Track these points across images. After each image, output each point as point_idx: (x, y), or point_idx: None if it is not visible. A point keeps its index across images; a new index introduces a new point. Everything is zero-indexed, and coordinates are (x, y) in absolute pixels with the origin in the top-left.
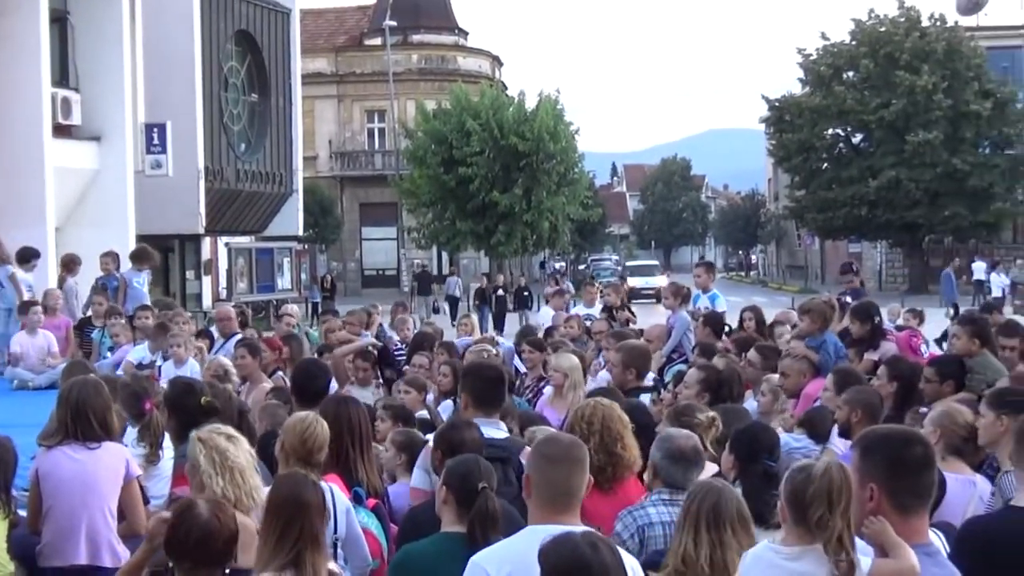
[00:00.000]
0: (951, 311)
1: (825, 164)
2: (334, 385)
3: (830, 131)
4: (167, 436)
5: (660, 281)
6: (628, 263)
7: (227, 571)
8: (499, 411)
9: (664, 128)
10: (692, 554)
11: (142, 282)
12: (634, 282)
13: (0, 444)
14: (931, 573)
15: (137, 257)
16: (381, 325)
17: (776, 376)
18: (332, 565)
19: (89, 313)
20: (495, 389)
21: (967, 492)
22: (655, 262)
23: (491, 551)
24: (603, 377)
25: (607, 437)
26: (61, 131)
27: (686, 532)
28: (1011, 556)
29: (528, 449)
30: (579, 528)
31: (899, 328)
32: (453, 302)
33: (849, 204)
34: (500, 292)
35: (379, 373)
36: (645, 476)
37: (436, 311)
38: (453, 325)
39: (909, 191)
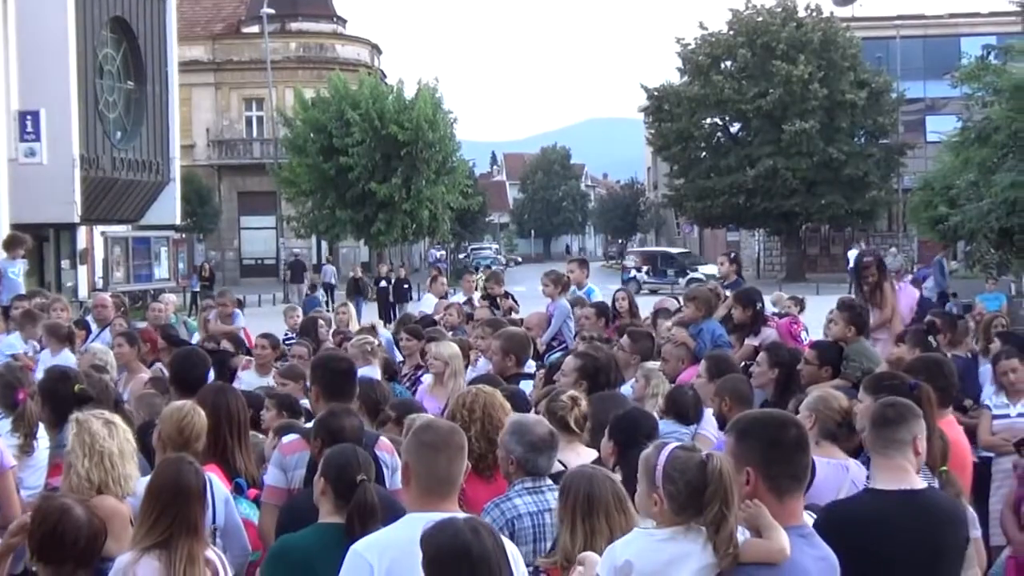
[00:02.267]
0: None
1: (704, 153)
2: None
3: (708, 120)
4: (41, 427)
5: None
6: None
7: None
8: (350, 403)
9: (544, 117)
10: (569, 546)
11: (17, 272)
12: None
13: None
14: (806, 554)
15: (9, 244)
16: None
17: (650, 363)
18: (210, 552)
19: None
20: (346, 381)
21: (840, 476)
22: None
23: (371, 540)
24: (483, 365)
25: (488, 425)
26: None
27: (564, 525)
28: (871, 537)
29: (384, 440)
30: (460, 514)
31: (779, 315)
32: (328, 290)
33: (727, 193)
34: (383, 283)
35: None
36: (501, 466)
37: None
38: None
39: (786, 180)
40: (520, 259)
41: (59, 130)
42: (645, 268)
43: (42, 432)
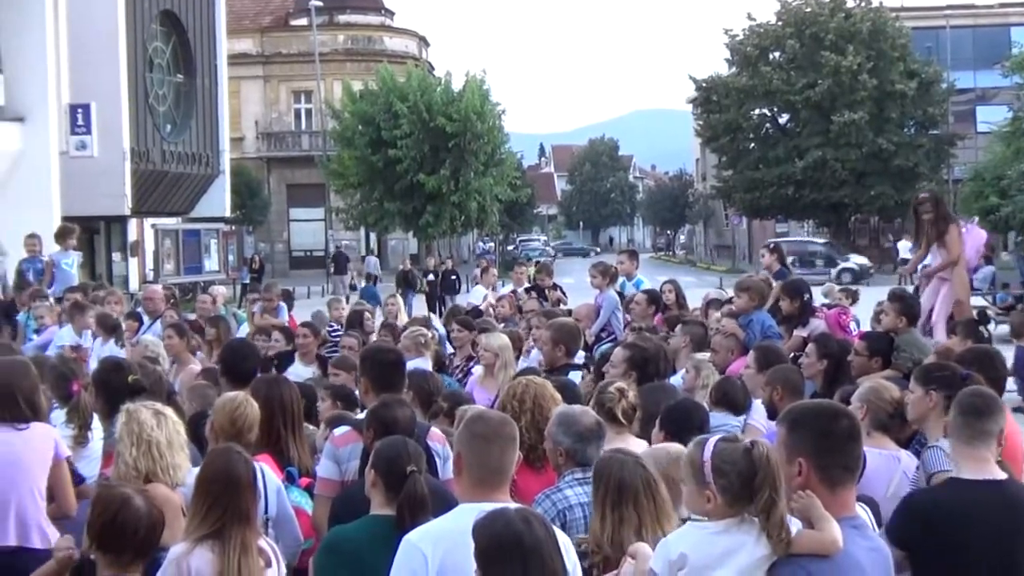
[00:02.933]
0: None
1: (752, 144)
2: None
3: (757, 111)
4: (95, 418)
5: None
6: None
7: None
8: (399, 394)
9: (592, 109)
10: (598, 532)
11: (71, 263)
12: None
13: None
14: (859, 545)
15: (61, 235)
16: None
17: (700, 354)
18: (263, 542)
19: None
20: (395, 373)
21: (891, 467)
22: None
23: (424, 530)
24: (535, 356)
25: (538, 415)
26: None
27: (595, 512)
28: (956, 527)
29: (435, 431)
30: (512, 505)
31: (829, 307)
32: (372, 281)
33: (776, 184)
34: (431, 276)
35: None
36: (551, 458)
37: (354, 289)
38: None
39: (835, 171)
40: (582, 249)
41: (110, 123)
42: (791, 259)
43: (96, 423)
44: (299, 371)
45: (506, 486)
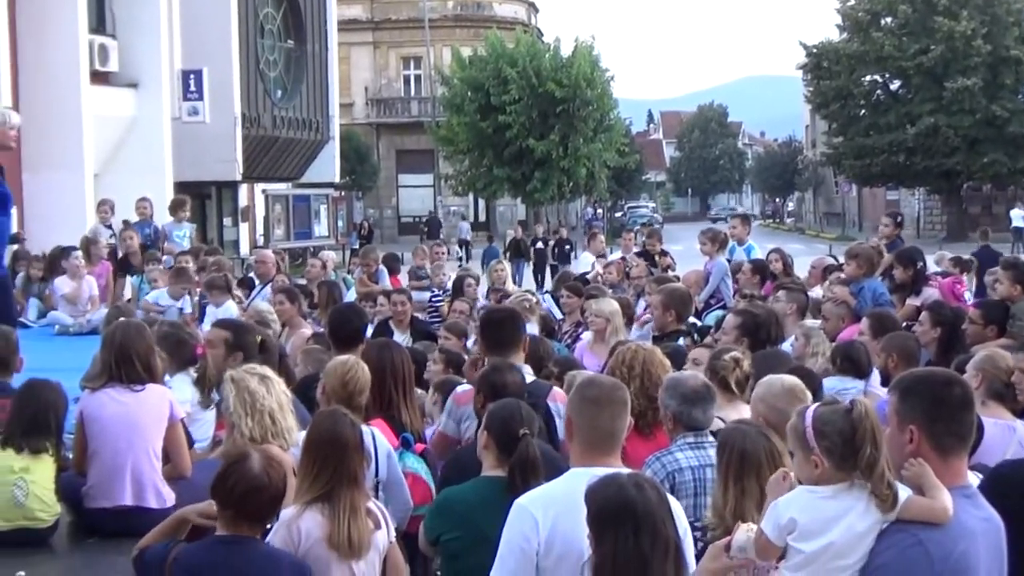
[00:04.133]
0: None
1: (863, 111)
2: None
3: (868, 78)
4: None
5: None
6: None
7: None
8: (519, 353)
9: (700, 75)
10: (720, 504)
11: (183, 235)
12: None
13: (51, 387)
14: (971, 515)
15: (174, 207)
16: None
17: (810, 321)
18: (372, 504)
19: (121, 252)
20: (507, 329)
21: (1007, 437)
22: None
23: (536, 494)
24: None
25: (647, 381)
26: (98, 78)
27: (718, 483)
28: None
29: (557, 391)
30: (624, 470)
31: (942, 275)
32: (464, 246)
33: (887, 151)
34: (539, 244)
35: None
36: (664, 423)
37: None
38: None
39: (947, 138)
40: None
41: (221, 89)
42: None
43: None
44: (396, 337)
45: (617, 451)
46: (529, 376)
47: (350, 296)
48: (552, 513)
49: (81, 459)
